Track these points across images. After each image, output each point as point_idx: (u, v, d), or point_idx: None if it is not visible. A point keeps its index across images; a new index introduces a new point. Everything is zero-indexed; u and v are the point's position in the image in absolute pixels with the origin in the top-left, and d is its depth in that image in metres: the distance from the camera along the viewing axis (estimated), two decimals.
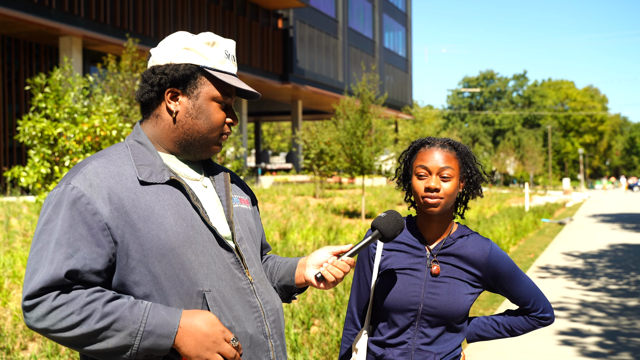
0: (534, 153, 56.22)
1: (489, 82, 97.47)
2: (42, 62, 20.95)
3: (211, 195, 1.79)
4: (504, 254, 2.19)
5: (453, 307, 2.07)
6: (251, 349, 1.68)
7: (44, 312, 1.49)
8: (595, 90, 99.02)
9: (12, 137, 19.42)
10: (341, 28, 38.52)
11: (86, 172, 1.62)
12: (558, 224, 19.35)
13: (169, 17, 24.10)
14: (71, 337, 1.50)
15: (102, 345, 1.51)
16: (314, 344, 5.27)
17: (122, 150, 1.71)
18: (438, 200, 2.05)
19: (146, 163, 1.68)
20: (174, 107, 1.72)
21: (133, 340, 1.51)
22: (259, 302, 1.73)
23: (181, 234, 1.63)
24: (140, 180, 1.64)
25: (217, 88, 1.74)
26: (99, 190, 1.59)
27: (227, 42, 1.79)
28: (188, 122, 1.72)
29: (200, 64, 1.73)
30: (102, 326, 1.50)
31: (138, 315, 1.52)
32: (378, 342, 2.14)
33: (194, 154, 1.77)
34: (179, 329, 1.55)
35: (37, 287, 1.49)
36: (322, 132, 22.24)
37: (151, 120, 1.76)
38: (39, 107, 10.44)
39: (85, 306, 1.50)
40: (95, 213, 1.56)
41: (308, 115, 43.90)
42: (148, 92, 1.74)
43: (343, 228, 13.33)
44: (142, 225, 1.60)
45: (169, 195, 1.66)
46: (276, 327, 1.77)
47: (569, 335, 6.21)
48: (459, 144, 2.15)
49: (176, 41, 1.75)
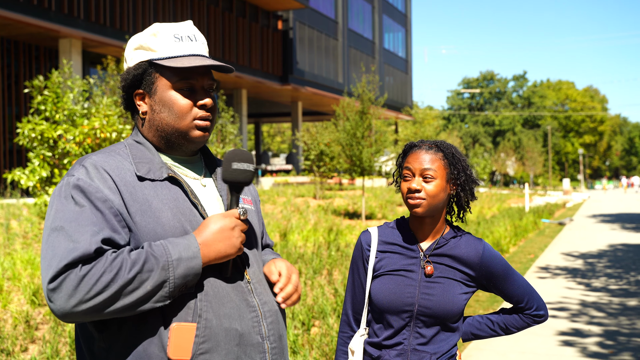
0: (534, 153, 56.24)
1: (488, 82, 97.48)
2: (42, 64, 20.96)
3: (211, 194, 1.78)
4: (497, 254, 2.21)
5: (448, 307, 2.08)
6: (240, 347, 1.64)
7: (74, 284, 1.46)
8: (595, 90, 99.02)
9: (12, 139, 19.43)
10: (341, 29, 38.53)
11: (87, 165, 1.62)
12: (558, 225, 19.34)
13: (169, 19, 24.12)
14: (109, 297, 1.48)
15: (140, 291, 1.51)
16: (314, 345, 5.27)
17: (121, 148, 1.72)
18: (420, 201, 2.07)
19: (144, 160, 1.69)
20: (141, 108, 1.74)
21: (168, 274, 1.52)
22: (256, 302, 1.71)
23: (178, 228, 1.63)
24: (138, 175, 1.65)
25: (172, 76, 1.70)
26: (104, 181, 1.60)
27: (176, 25, 1.75)
28: (156, 118, 1.71)
29: (148, 58, 1.71)
30: (135, 272, 1.50)
31: (161, 251, 1.54)
32: (374, 344, 2.15)
33: (179, 147, 1.75)
34: (200, 244, 1.58)
35: (62, 264, 1.47)
36: (322, 133, 22.24)
37: (138, 123, 1.78)
38: (39, 109, 10.44)
39: (112, 262, 1.49)
40: (106, 200, 1.57)
41: (308, 117, 43.93)
42: (123, 100, 1.78)
43: (343, 229, 13.33)
44: (139, 218, 1.60)
45: (167, 190, 1.66)
46: (274, 329, 1.73)
47: (569, 335, 6.21)
48: (448, 145, 2.15)
49: (130, 45, 1.76)
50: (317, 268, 8.55)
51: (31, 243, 8.65)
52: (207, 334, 1.59)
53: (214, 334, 1.60)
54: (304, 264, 8.97)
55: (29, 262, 7.11)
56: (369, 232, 2.22)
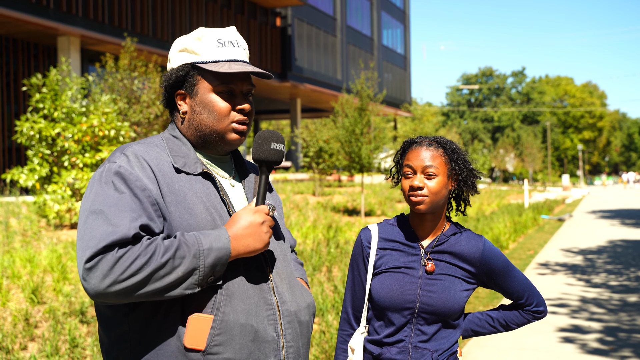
0: (533, 150, 56.28)
1: (487, 79, 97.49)
2: (40, 62, 20.93)
3: (239, 194, 1.85)
4: (497, 250, 2.21)
5: (449, 304, 2.08)
6: (255, 343, 1.68)
7: (110, 265, 1.50)
8: (594, 86, 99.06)
9: (11, 137, 19.41)
10: (339, 26, 38.49)
11: (129, 154, 1.68)
12: (557, 220, 19.35)
13: (167, 16, 24.08)
14: (142, 279, 1.52)
15: (172, 276, 1.56)
16: (313, 343, 5.26)
17: (158, 141, 1.79)
18: (422, 199, 2.07)
19: (180, 154, 1.75)
20: (182, 108, 1.81)
21: (198, 262, 1.58)
22: (275, 300, 1.75)
23: (209, 221, 1.69)
24: (175, 167, 1.72)
25: (214, 79, 1.76)
26: (143, 170, 1.66)
27: (220, 30, 1.81)
28: (195, 119, 1.78)
29: (192, 61, 1.78)
30: (168, 257, 1.55)
31: (193, 240, 1.59)
32: (375, 341, 2.14)
33: (215, 147, 1.82)
34: (230, 237, 1.64)
35: (100, 245, 1.51)
36: (321, 130, 22.23)
37: (178, 120, 1.84)
38: (37, 107, 10.42)
39: (147, 247, 1.54)
40: (145, 189, 1.63)
41: (307, 114, 43.88)
42: (164, 98, 1.85)
43: (342, 226, 13.33)
44: (174, 208, 1.66)
45: (200, 185, 1.73)
46: (292, 328, 1.77)
47: (569, 331, 6.21)
48: (448, 141, 2.14)
49: (174, 47, 1.83)
50: (317, 265, 8.55)
51: (30, 241, 8.64)
52: (222, 327, 1.64)
53: (230, 328, 1.65)
54: (303, 260, 8.96)
55: (28, 260, 7.10)
56: (369, 229, 2.21)
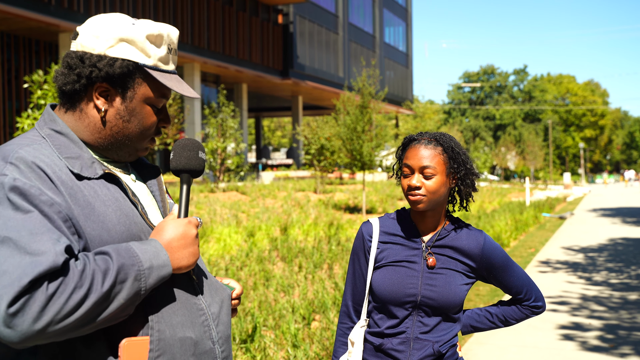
0: (535, 148, 56.22)
1: (489, 76, 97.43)
2: (42, 59, 20.94)
3: (143, 191, 1.63)
4: (497, 246, 2.22)
5: (450, 297, 2.09)
6: (195, 356, 1.49)
7: (41, 305, 1.22)
8: (595, 84, 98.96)
9: (12, 134, 19.42)
10: (341, 23, 38.47)
11: (17, 162, 1.35)
12: (559, 219, 19.34)
13: (169, 13, 24.08)
14: (83, 315, 1.27)
15: (114, 305, 1.32)
16: (314, 339, 5.27)
17: (39, 139, 1.46)
18: (420, 198, 2.07)
19: (72, 156, 1.45)
20: (103, 105, 1.50)
21: (140, 284, 1.36)
22: (204, 304, 1.56)
23: (124, 233, 1.45)
24: (74, 173, 1.43)
25: (154, 90, 1.54)
26: (42, 180, 1.35)
27: (171, 33, 1.58)
28: (118, 124, 1.51)
29: (139, 61, 1.50)
30: (110, 284, 1.31)
31: (130, 258, 1.36)
32: (376, 333, 2.15)
33: (119, 156, 1.57)
34: (166, 250, 1.44)
35: (24, 281, 1.21)
36: (322, 127, 22.24)
37: (74, 112, 1.52)
38: (38, 104, 10.43)
39: (82, 275, 1.28)
40: (52, 203, 1.32)
41: (308, 111, 43.90)
42: (73, 82, 1.49)
43: (344, 223, 13.33)
44: (84, 223, 1.38)
45: (105, 190, 1.47)
46: (222, 332, 1.59)
47: (570, 329, 6.21)
48: (447, 139, 2.13)
49: (113, 28, 1.49)
50: (318, 262, 8.56)
51: None
52: (161, 346, 1.43)
53: (169, 346, 1.44)
54: (304, 258, 8.97)
55: None
56: (370, 222, 2.22)
